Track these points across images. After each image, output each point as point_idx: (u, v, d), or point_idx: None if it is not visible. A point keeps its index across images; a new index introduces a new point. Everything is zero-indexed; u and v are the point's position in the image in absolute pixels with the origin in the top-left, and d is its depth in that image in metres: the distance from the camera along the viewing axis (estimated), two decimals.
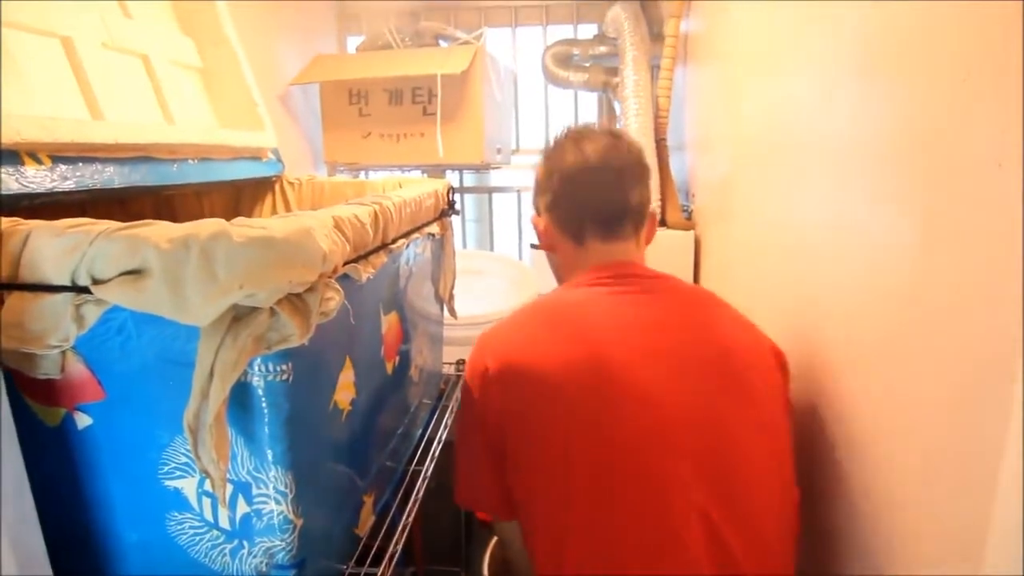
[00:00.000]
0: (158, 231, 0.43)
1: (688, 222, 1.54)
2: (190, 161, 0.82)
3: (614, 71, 1.69)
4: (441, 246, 0.99)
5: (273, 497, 0.51)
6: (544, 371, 0.70)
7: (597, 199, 0.82)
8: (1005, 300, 0.41)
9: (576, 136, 0.84)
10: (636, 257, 0.84)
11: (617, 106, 1.69)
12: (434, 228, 0.90)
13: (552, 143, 0.87)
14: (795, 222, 0.85)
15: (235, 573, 0.54)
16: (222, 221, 0.43)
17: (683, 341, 0.72)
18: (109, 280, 0.43)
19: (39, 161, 0.59)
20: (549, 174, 0.84)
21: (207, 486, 0.50)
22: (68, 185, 0.61)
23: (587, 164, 0.81)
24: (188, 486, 0.52)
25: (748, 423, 0.69)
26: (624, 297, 0.76)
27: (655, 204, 1.54)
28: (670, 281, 0.80)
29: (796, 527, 0.71)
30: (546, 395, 0.70)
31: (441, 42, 1.78)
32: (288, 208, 1.09)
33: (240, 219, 0.45)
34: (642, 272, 0.81)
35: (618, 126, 1.73)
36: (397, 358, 0.81)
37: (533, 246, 1.57)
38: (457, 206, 0.97)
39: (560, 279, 0.92)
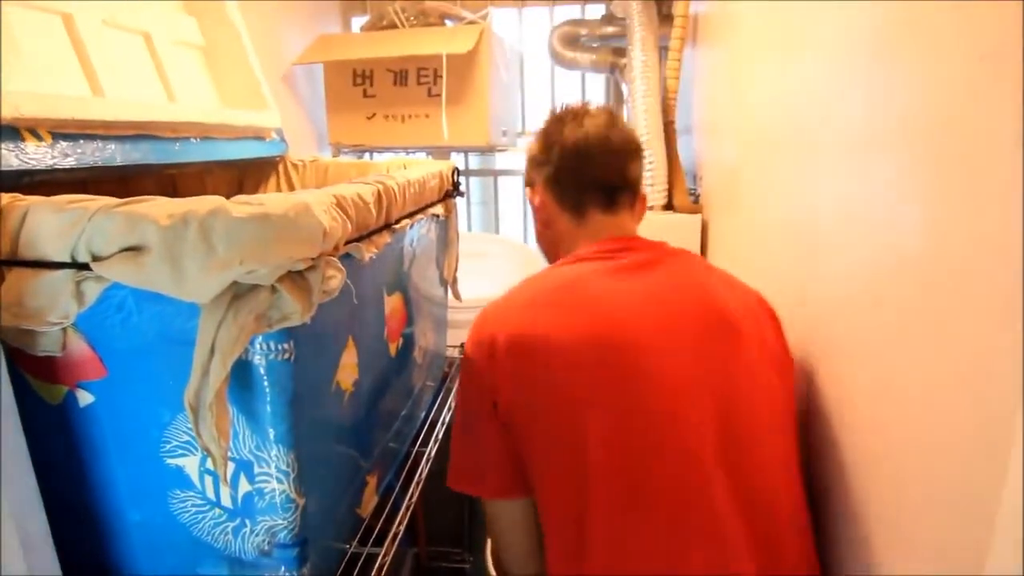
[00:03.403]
0: (157, 207, 0.42)
1: (695, 206, 1.52)
2: (192, 140, 0.82)
3: (622, 52, 1.67)
4: (445, 228, 0.99)
5: (275, 476, 0.51)
6: (559, 345, 0.70)
7: (600, 170, 0.83)
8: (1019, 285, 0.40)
9: (575, 112, 0.87)
10: (632, 229, 0.87)
11: (624, 88, 1.67)
12: (438, 209, 0.89)
13: (549, 118, 0.89)
14: (805, 206, 0.84)
15: (237, 551, 0.54)
16: (221, 198, 0.42)
17: (686, 311, 0.74)
18: (109, 257, 0.43)
19: (39, 137, 0.58)
20: (548, 148, 0.86)
21: (209, 464, 0.50)
22: (69, 162, 0.60)
23: (589, 137, 0.83)
24: (190, 464, 0.52)
25: (753, 384, 0.72)
26: (627, 270, 0.77)
27: (663, 187, 1.53)
28: (664, 248, 0.82)
29: (800, 482, 0.73)
30: (562, 368, 0.69)
31: (447, 22, 1.76)
32: (292, 189, 1.08)
33: (240, 196, 0.44)
34: (640, 244, 0.82)
35: (625, 108, 1.71)
36: (401, 340, 0.80)
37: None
38: (462, 188, 0.96)
39: (553, 256, 0.90)
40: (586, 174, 0.84)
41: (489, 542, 1.15)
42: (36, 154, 0.57)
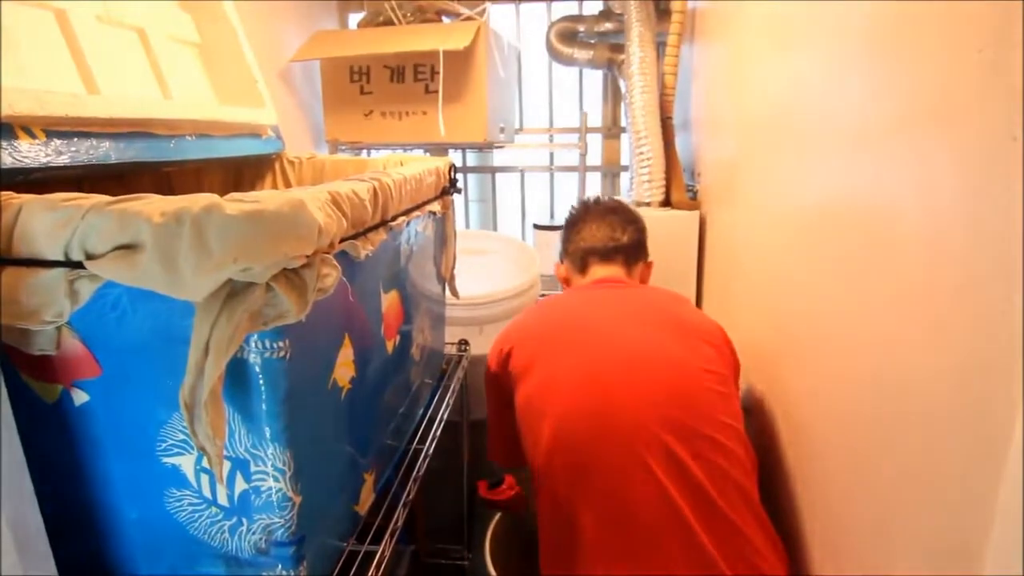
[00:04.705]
0: (150, 205, 0.42)
1: (693, 202, 1.52)
2: (188, 137, 0.81)
3: (620, 48, 1.67)
4: (443, 225, 0.98)
5: (271, 474, 0.51)
6: (533, 332, 0.98)
7: (598, 239, 1.11)
8: (1017, 277, 0.40)
9: (587, 204, 1.18)
10: (623, 276, 1.09)
11: (622, 84, 1.67)
12: (435, 206, 0.89)
13: (573, 212, 1.18)
14: (804, 203, 0.84)
15: (234, 549, 0.54)
16: (214, 195, 0.42)
17: (646, 310, 0.97)
18: (102, 255, 0.43)
19: (33, 135, 0.58)
20: (567, 236, 1.16)
21: (205, 463, 0.50)
22: (63, 160, 0.60)
23: (593, 219, 1.13)
24: (186, 463, 0.51)
25: (697, 365, 0.87)
26: (605, 289, 1.04)
27: (660, 184, 1.53)
28: (647, 286, 1.09)
29: (749, 457, 0.84)
30: (534, 345, 0.94)
31: (444, 18, 1.75)
32: (288, 186, 1.08)
33: (233, 194, 0.44)
34: (624, 280, 1.07)
35: (623, 104, 1.71)
36: (398, 337, 0.80)
37: (536, 226, 1.63)
38: (459, 185, 0.96)
39: None
40: (590, 243, 1.11)
41: (488, 539, 1.15)
42: (30, 152, 0.57)
